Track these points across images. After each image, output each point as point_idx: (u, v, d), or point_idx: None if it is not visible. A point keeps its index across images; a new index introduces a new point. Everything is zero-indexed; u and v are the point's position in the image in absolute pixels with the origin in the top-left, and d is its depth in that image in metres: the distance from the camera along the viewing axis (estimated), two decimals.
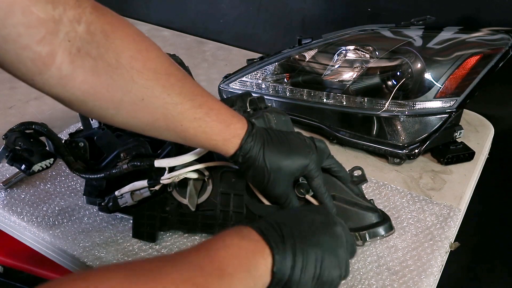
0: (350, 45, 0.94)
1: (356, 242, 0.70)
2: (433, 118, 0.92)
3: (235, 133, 0.61)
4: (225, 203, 0.73)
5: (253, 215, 0.72)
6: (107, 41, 0.50)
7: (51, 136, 0.75)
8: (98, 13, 0.50)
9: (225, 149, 0.62)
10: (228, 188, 0.73)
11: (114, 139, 0.76)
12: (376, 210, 0.72)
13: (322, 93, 0.96)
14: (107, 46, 0.50)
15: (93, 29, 0.49)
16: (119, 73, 0.51)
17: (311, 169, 0.65)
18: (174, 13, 1.56)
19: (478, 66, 0.89)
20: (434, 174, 0.92)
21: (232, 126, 0.61)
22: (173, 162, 0.71)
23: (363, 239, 0.70)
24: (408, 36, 0.92)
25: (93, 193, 0.77)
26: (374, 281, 0.70)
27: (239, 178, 0.72)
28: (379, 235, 0.70)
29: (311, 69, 0.97)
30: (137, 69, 0.52)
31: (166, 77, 0.55)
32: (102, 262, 0.72)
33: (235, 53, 1.42)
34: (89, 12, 0.49)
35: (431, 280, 0.71)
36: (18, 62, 0.46)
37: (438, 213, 0.83)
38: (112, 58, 0.51)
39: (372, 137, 0.94)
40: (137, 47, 0.54)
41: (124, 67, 0.52)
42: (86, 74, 0.49)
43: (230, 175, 0.72)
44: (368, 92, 0.93)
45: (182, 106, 0.57)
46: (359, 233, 0.70)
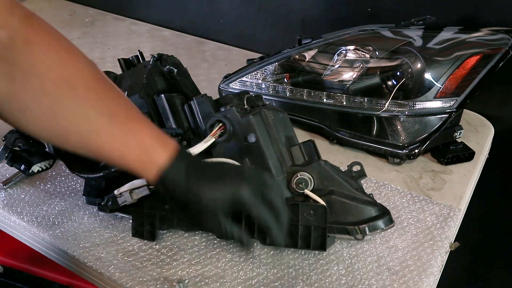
0: (350, 45, 0.94)
1: (356, 236, 0.70)
2: (433, 118, 0.92)
3: (154, 161, 0.57)
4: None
5: None
6: (27, 49, 0.50)
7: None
8: (28, 23, 0.50)
9: (145, 176, 0.58)
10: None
11: None
12: (375, 204, 0.72)
13: (322, 93, 0.96)
14: (26, 54, 0.50)
15: (15, 37, 0.49)
16: (32, 82, 0.51)
17: (245, 203, 0.58)
18: (174, 13, 1.56)
19: (478, 66, 0.89)
20: (434, 174, 0.93)
21: (152, 152, 0.57)
22: None
23: (362, 233, 0.70)
24: (408, 36, 0.92)
25: (93, 193, 0.77)
26: (374, 281, 0.70)
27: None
28: (379, 228, 0.70)
29: (311, 69, 0.97)
30: (53, 80, 0.52)
31: (84, 91, 0.54)
32: (102, 262, 0.72)
33: (235, 53, 1.42)
34: (18, 20, 0.49)
35: (431, 280, 0.71)
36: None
37: (438, 213, 0.83)
38: (28, 66, 0.51)
39: (372, 137, 0.94)
40: (59, 59, 0.53)
41: (39, 76, 0.51)
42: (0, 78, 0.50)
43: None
44: (368, 92, 0.93)
45: (97, 123, 0.54)
46: (359, 227, 0.70)
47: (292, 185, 0.72)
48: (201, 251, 0.75)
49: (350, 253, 0.75)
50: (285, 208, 0.63)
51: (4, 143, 0.75)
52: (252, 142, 0.72)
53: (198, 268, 0.72)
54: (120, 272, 0.70)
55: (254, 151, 0.72)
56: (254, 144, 0.72)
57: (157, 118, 0.75)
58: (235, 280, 0.70)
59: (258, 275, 0.71)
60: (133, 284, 0.69)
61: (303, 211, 0.70)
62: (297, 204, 0.71)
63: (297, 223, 0.70)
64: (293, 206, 0.71)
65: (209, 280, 0.70)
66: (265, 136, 0.73)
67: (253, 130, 0.71)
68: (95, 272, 0.72)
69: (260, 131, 0.72)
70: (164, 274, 0.70)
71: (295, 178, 0.72)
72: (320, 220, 0.70)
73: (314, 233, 0.70)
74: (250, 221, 0.69)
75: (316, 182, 0.73)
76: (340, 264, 0.73)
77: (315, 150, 0.75)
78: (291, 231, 0.70)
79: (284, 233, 0.62)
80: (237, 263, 0.73)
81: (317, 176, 0.73)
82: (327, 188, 0.73)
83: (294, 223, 0.70)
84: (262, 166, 0.72)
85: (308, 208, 0.70)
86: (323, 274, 0.71)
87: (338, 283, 0.70)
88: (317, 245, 0.70)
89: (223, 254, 0.74)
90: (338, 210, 0.71)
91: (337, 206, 0.71)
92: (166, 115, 0.75)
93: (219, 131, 0.72)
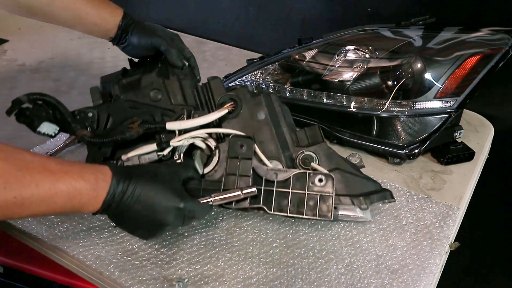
0: (350, 45, 0.94)
1: (361, 206, 0.74)
2: (433, 118, 0.92)
3: (100, 191, 0.62)
4: (232, 168, 0.75)
5: (259, 179, 0.74)
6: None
7: (60, 104, 0.77)
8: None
9: (95, 208, 0.63)
10: (236, 153, 0.75)
11: (127, 108, 0.81)
12: (376, 182, 0.76)
13: (322, 93, 0.96)
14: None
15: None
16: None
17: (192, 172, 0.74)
18: (174, 13, 1.56)
19: (478, 66, 0.89)
20: (434, 174, 0.93)
21: (97, 188, 0.62)
22: (185, 125, 0.75)
23: (367, 203, 0.74)
24: (408, 36, 0.92)
25: (97, 160, 0.78)
26: (374, 279, 0.70)
27: (247, 144, 0.75)
28: (383, 199, 0.74)
29: (311, 69, 0.97)
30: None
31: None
32: (102, 261, 0.72)
33: (235, 53, 1.42)
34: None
35: (430, 279, 0.71)
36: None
37: (437, 211, 0.83)
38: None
39: (372, 137, 0.94)
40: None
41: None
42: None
43: (239, 140, 0.75)
44: (368, 92, 0.93)
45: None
46: (364, 198, 0.74)
47: (298, 161, 0.77)
48: (201, 250, 0.75)
49: (349, 252, 0.75)
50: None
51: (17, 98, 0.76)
52: (261, 119, 0.79)
53: (198, 267, 0.72)
54: (120, 271, 0.70)
55: (262, 128, 0.79)
56: (263, 121, 0.79)
57: (166, 93, 0.82)
58: (234, 279, 0.70)
59: (258, 274, 0.71)
60: (133, 283, 0.69)
61: (310, 180, 0.73)
62: (304, 173, 0.73)
63: (304, 190, 0.72)
64: (300, 175, 0.73)
65: (209, 279, 0.70)
66: (273, 115, 0.80)
67: (263, 108, 0.79)
68: (95, 271, 0.72)
69: (269, 110, 0.79)
70: (164, 273, 0.70)
71: (301, 155, 0.77)
72: (327, 188, 0.72)
73: (321, 202, 0.72)
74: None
75: (321, 160, 0.77)
76: (339, 263, 0.73)
77: (319, 133, 0.80)
78: (298, 201, 0.73)
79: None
80: (237, 262, 0.73)
81: (321, 155, 0.77)
82: (331, 166, 0.77)
83: (301, 191, 0.72)
84: (269, 141, 0.78)
85: (315, 177, 0.73)
86: (322, 273, 0.71)
87: (337, 282, 0.70)
88: (323, 214, 0.72)
89: (222, 253, 0.74)
90: (343, 184, 0.75)
91: (342, 180, 0.75)
92: (175, 93, 0.82)
93: (231, 107, 0.79)
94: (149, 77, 0.83)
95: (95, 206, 0.62)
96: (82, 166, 0.62)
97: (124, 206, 0.63)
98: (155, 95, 0.82)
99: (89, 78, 1.19)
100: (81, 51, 1.40)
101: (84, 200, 0.60)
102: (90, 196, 0.60)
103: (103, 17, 0.88)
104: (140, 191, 0.64)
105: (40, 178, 0.56)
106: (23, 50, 1.40)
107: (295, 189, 0.73)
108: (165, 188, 0.66)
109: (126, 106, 0.81)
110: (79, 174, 0.60)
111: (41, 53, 1.37)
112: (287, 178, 0.74)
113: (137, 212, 0.64)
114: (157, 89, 0.82)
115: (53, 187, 0.57)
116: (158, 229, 0.67)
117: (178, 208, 0.66)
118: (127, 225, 0.67)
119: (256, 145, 0.77)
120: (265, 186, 0.74)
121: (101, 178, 0.62)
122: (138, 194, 0.64)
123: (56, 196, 0.57)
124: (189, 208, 0.67)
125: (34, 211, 0.57)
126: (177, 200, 0.66)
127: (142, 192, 0.64)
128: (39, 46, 1.43)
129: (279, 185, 0.74)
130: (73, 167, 0.60)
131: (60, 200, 0.58)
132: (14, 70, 1.28)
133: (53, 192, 0.57)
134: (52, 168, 0.58)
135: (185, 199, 0.67)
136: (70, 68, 1.29)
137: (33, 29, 1.50)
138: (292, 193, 0.73)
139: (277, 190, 0.74)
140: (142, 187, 0.64)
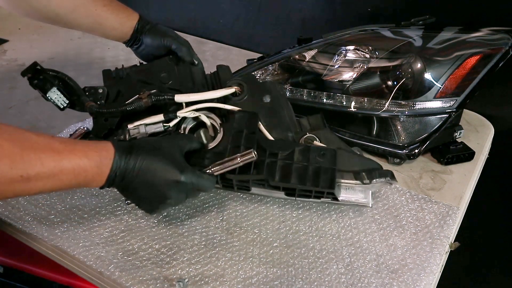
0: (350, 45, 0.94)
1: (363, 181, 0.74)
2: (433, 118, 0.92)
3: (103, 167, 0.64)
4: (236, 141, 0.75)
5: (262, 152, 0.75)
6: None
7: (71, 80, 0.81)
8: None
9: (100, 183, 0.65)
10: (241, 126, 0.76)
11: (137, 85, 0.83)
12: (378, 163, 0.78)
13: (322, 93, 0.96)
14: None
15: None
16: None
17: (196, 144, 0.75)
18: (174, 13, 1.56)
19: (478, 66, 0.89)
20: (434, 174, 0.93)
21: (100, 164, 0.63)
22: (193, 97, 0.78)
23: (369, 178, 0.74)
24: (408, 36, 0.92)
25: (102, 131, 0.80)
26: (374, 279, 0.70)
27: (253, 118, 0.77)
28: (385, 176, 0.74)
29: (311, 69, 0.97)
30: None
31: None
32: (102, 261, 0.72)
33: (235, 53, 1.42)
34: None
35: (430, 278, 0.71)
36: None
37: (437, 211, 0.83)
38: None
39: (372, 137, 0.94)
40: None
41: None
42: None
43: (244, 115, 0.77)
44: (368, 92, 0.93)
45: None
46: (366, 173, 0.75)
47: (301, 143, 0.78)
48: (201, 250, 0.75)
49: (349, 251, 0.75)
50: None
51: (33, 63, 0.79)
52: (266, 102, 0.82)
53: (198, 267, 0.72)
54: (120, 271, 0.70)
55: (267, 110, 0.81)
56: (268, 104, 0.82)
57: (176, 77, 0.86)
58: (235, 279, 0.70)
59: (258, 274, 0.71)
60: (133, 283, 0.69)
61: (314, 152, 0.74)
62: (308, 146, 0.74)
63: (307, 163, 0.73)
64: (303, 148, 0.75)
65: (209, 279, 0.70)
66: (278, 100, 0.82)
67: (269, 92, 0.82)
68: (95, 271, 0.72)
69: (274, 95, 0.82)
70: (164, 273, 0.71)
71: (304, 137, 0.78)
72: (330, 161, 0.73)
73: (323, 174, 0.73)
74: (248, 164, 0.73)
75: (323, 143, 0.79)
76: (339, 263, 0.73)
77: (321, 120, 0.82)
78: (300, 173, 0.73)
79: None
80: (237, 262, 0.73)
81: (323, 140, 0.79)
82: (333, 147, 0.78)
83: (304, 164, 0.73)
84: (273, 123, 0.80)
85: (319, 150, 0.74)
86: (323, 272, 0.71)
87: (337, 281, 0.70)
88: (325, 185, 0.72)
89: (222, 253, 0.74)
90: (345, 161, 0.76)
91: (344, 158, 0.76)
92: (184, 77, 0.87)
93: (238, 90, 0.82)
94: (161, 61, 0.88)
95: (100, 181, 0.64)
96: (86, 144, 0.64)
97: (127, 180, 0.65)
98: (165, 78, 0.85)
99: (89, 78, 1.19)
100: (81, 51, 1.40)
101: (89, 177, 0.62)
102: (94, 173, 0.62)
103: (121, 21, 0.91)
104: (140, 165, 0.65)
105: (45, 157, 0.57)
106: (23, 50, 1.40)
107: (298, 161, 0.74)
108: (165, 161, 0.67)
109: (137, 83, 0.84)
110: (83, 152, 0.61)
111: (41, 53, 1.37)
112: (290, 152, 0.75)
113: (139, 186, 0.66)
114: (167, 73, 0.85)
115: (58, 165, 0.59)
116: (160, 203, 0.68)
117: (178, 181, 0.67)
118: (132, 199, 0.70)
119: (260, 122, 0.79)
120: (269, 158, 0.75)
121: (104, 156, 0.63)
122: (138, 168, 0.65)
123: (62, 173, 0.59)
124: (189, 181, 0.68)
125: (41, 188, 0.59)
126: (176, 173, 0.67)
127: (142, 166, 0.65)
128: (39, 46, 1.43)
129: (282, 157, 0.74)
130: (77, 145, 0.62)
131: (65, 178, 0.60)
132: (14, 70, 1.28)
133: (58, 170, 0.59)
134: (56, 147, 0.60)
135: (185, 172, 0.67)
136: (70, 68, 1.28)
137: (33, 29, 1.50)
138: (295, 165, 0.74)
139: (280, 162, 0.74)
140: (142, 161, 0.65)
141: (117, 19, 0.91)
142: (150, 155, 0.66)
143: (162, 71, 0.86)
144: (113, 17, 0.90)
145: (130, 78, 0.86)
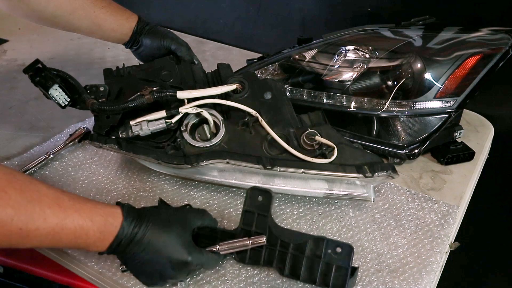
0: (350, 45, 0.94)
1: (366, 175, 0.73)
2: (433, 118, 0.92)
3: (110, 230, 0.61)
4: (247, 220, 0.71)
5: (274, 238, 0.70)
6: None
7: (72, 79, 0.81)
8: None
9: (102, 247, 0.62)
10: (253, 206, 0.71)
11: (139, 82, 0.84)
12: (379, 157, 0.77)
13: (322, 93, 0.96)
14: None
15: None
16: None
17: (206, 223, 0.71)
18: (174, 13, 1.56)
19: (478, 66, 0.89)
20: (434, 174, 0.93)
21: (108, 225, 0.61)
22: (195, 94, 0.78)
23: (372, 172, 0.73)
24: (408, 36, 0.92)
25: (104, 128, 0.80)
26: (375, 278, 0.70)
27: (266, 197, 0.70)
28: (388, 169, 0.74)
29: (311, 69, 0.97)
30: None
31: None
32: (103, 262, 0.72)
33: (235, 53, 1.42)
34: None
35: (431, 277, 0.71)
36: None
37: (437, 210, 0.83)
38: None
39: (372, 137, 0.94)
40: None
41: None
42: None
43: (258, 193, 0.71)
44: (368, 92, 0.93)
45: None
46: (368, 166, 0.74)
47: (302, 139, 0.78)
48: None
49: None
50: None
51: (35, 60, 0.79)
52: (267, 99, 0.82)
53: None
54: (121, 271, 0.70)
55: (268, 106, 0.81)
56: (269, 101, 0.82)
57: (177, 75, 0.87)
58: (236, 278, 0.70)
59: (260, 273, 0.71)
60: (134, 283, 0.69)
61: (328, 247, 0.67)
62: (323, 239, 0.67)
63: (320, 258, 0.67)
64: (318, 240, 0.68)
65: (210, 278, 0.70)
66: (279, 97, 0.83)
67: (270, 89, 0.83)
68: (95, 271, 0.72)
69: (275, 92, 0.83)
70: None
71: (305, 132, 0.78)
72: (344, 259, 0.66)
73: (335, 272, 0.66)
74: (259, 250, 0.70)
75: (324, 138, 0.77)
76: None
77: (322, 117, 0.83)
78: (311, 265, 0.67)
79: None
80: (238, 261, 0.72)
81: (325, 135, 0.78)
82: (334, 142, 0.77)
83: (316, 257, 0.67)
84: (275, 118, 0.80)
85: (334, 245, 0.67)
86: None
87: None
88: (337, 285, 0.66)
89: None
90: (347, 156, 0.76)
91: (346, 152, 0.76)
92: (185, 75, 0.87)
93: (239, 86, 0.82)
94: (162, 60, 0.89)
95: (101, 247, 0.61)
96: (94, 205, 0.61)
97: (130, 251, 0.62)
98: (166, 76, 0.86)
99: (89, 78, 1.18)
100: (81, 51, 1.40)
101: (90, 241, 0.60)
102: (96, 238, 0.60)
103: (120, 23, 0.91)
104: (148, 239, 0.62)
105: (49, 213, 0.55)
106: (23, 50, 1.40)
107: (310, 254, 0.68)
108: (175, 241, 0.64)
109: (138, 82, 0.84)
110: (89, 214, 0.59)
111: (41, 53, 1.36)
112: (303, 241, 0.68)
113: (142, 260, 0.63)
114: (169, 71, 0.86)
115: (60, 224, 0.56)
116: (160, 280, 0.66)
117: (185, 262, 0.64)
118: (131, 269, 0.66)
119: (261, 118, 0.79)
120: (280, 247, 0.69)
121: (109, 222, 0.61)
122: (145, 243, 0.62)
123: (62, 233, 0.57)
124: (196, 262, 0.65)
125: (37, 243, 0.57)
126: (184, 254, 0.64)
127: (150, 241, 0.62)
128: (39, 46, 1.43)
129: (294, 247, 0.68)
130: (85, 205, 0.60)
131: (65, 237, 0.57)
132: (14, 70, 1.28)
133: (59, 228, 0.56)
134: (64, 204, 0.57)
135: (192, 253, 0.65)
136: (70, 68, 1.28)
137: (33, 29, 1.50)
138: (307, 259, 0.68)
139: (292, 253, 0.68)
140: (151, 237, 0.62)
141: (116, 21, 0.91)
142: (160, 231, 0.63)
143: (163, 69, 0.86)
144: (112, 18, 0.90)
145: (131, 77, 0.86)
